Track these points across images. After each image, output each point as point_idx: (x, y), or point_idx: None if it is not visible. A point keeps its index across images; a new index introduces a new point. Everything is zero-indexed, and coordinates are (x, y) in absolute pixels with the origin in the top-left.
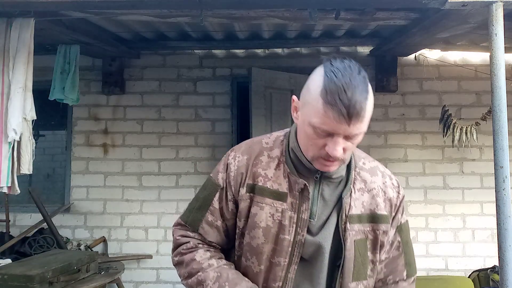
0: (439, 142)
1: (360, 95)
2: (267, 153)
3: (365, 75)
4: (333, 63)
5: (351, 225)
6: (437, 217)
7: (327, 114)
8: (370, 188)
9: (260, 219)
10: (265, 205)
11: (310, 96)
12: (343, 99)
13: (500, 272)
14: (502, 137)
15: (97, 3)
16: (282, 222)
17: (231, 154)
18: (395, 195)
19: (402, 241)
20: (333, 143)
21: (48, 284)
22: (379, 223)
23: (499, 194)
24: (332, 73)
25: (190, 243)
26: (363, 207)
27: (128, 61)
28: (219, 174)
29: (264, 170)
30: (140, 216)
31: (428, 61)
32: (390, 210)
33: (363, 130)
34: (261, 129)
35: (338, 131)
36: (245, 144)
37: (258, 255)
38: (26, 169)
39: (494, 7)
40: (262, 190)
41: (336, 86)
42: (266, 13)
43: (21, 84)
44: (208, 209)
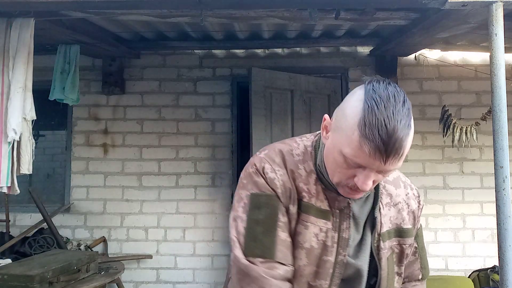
0: (439, 142)
1: (402, 131)
2: (303, 166)
3: (410, 107)
4: (375, 88)
5: (383, 243)
6: (437, 217)
7: (362, 149)
8: (396, 202)
9: (304, 239)
10: (310, 224)
11: (346, 123)
12: (382, 135)
13: (500, 272)
14: (502, 137)
15: (97, 3)
16: (326, 242)
17: (266, 167)
18: (417, 206)
19: (419, 246)
20: (364, 177)
21: (48, 284)
22: (405, 237)
23: (499, 194)
24: (374, 102)
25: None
26: (391, 222)
27: (128, 61)
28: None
29: (306, 185)
30: (140, 216)
31: (428, 61)
32: (413, 222)
33: (399, 167)
34: (261, 129)
35: (371, 166)
36: (276, 155)
37: (298, 278)
38: (26, 169)
39: (494, 7)
40: (308, 207)
41: (377, 120)
42: (266, 13)
43: (21, 84)
44: (276, 227)
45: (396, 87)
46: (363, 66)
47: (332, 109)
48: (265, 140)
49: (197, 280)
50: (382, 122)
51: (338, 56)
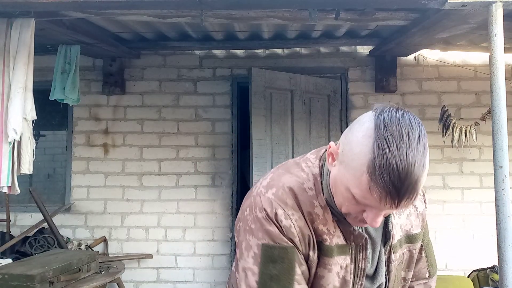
0: (439, 142)
1: (416, 174)
2: (317, 203)
3: (426, 141)
4: (386, 123)
5: (394, 254)
6: (437, 216)
7: (372, 194)
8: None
9: (327, 282)
10: (333, 266)
11: (354, 162)
12: (394, 181)
13: (500, 272)
14: (501, 137)
15: (98, 4)
16: (345, 277)
17: (279, 213)
18: (424, 206)
19: (424, 244)
20: (374, 215)
21: (49, 283)
22: (415, 242)
23: (499, 194)
24: (385, 142)
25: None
26: (401, 230)
27: (128, 61)
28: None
29: (325, 226)
30: (141, 216)
31: (427, 61)
32: (422, 224)
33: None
34: (261, 129)
35: (382, 209)
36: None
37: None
38: (26, 169)
39: (494, 7)
40: (331, 250)
41: (388, 163)
42: (266, 14)
43: (21, 84)
44: (293, 280)
45: (410, 119)
46: (363, 66)
47: (332, 109)
48: (265, 140)
49: (197, 279)
50: (394, 166)
51: (338, 56)
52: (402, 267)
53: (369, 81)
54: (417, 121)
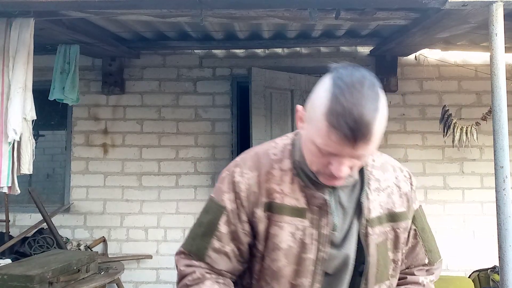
0: (439, 142)
1: (368, 115)
2: (278, 166)
3: (377, 89)
4: (340, 75)
5: (372, 229)
6: (438, 217)
7: (331, 137)
8: (385, 187)
9: (280, 240)
10: (284, 224)
11: (314, 114)
12: (348, 122)
13: (501, 272)
14: (502, 137)
15: (97, 3)
16: (304, 240)
17: (236, 171)
18: (409, 188)
19: (418, 228)
20: (338, 164)
21: (48, 284)
22: (399, 221)
23: (499, 194)
24: (338, 90)
25: (196, 273)
26: (381, 208)
27: (128, 61)
28: (224, 194)
29: (279, 186)
30: (140, 216)
31: (428, 61)
32: (407, 204)
33: (372, 150)
34: (261, 129)
35: (342, 153)
36: (250, 158)
37: (279, 278)
38: (26, 169)
39: (494, 7)
40: (281, 208)
41: (342, 107)
42: (266, 13)
43: (21, 84)
44: (213, 235)
45: (362, 72)
46: (363, 66)
47: None
48: (265, 140)
49: None
50: (348, 109)
51: (338, 56)
52: (388, 247)
53: None
54: (371, 74)
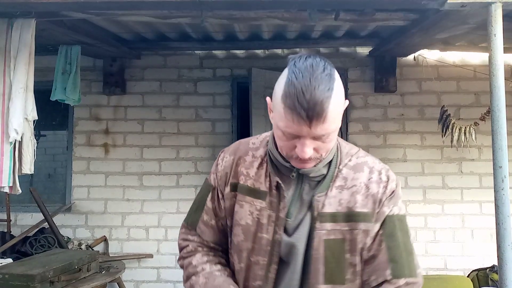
0: (438, 142)
1: (321, 95)
2: (252, 153)
3: (331, 72)
4: (296, 63)
5: (321, 224)
6: (436, 216)
7: (288, 118)
8: (351, 185)
9: (240, 217)
10: (244, 203)
11: (276, 100)
12: (301, 102)
13: (499, 272)
14: (501, 137)
15: (98, 4)
16: (260, 220)
17: (221, 155)
18: (381, 190)
19: (385, 233)
20: (301, 145)
21: (49, 283)
22: (357, 221)
23: (498, 194)
24: (293, 75)
25: (190, 247)
26: (340, 205)
27: (129, 62)
28: (211, 175)
29: (246, 169)
30: (141, 215)
31: (427, 61)
32: (373, 206)
33: (331, 130)
34: (261, 129)
35: (301, 133)
36: (234, 145)
37: (239, 252)
38: (28, 169)
39: (493, 7)
40: (243, 188)
41: (295, 89)
42: (266, 14)
43: (22, 84)
44: (203, 209)
45: (315, 58)
46: (362, 67)
47: None
48: None
49: None
50: (300, 90)
51: (338, 56)
52: (345, 248)
53: (368, 81)
54: (323, 60)
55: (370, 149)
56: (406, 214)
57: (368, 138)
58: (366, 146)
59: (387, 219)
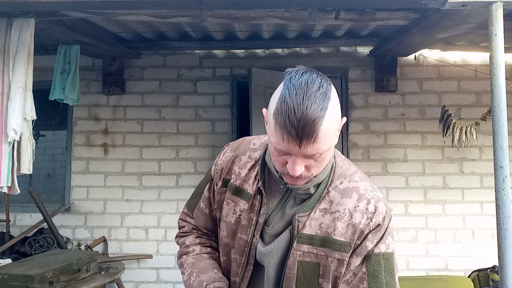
0: (439, 142)
1: (313, 115)
2: (249, 154)
3: (326, 91)
4: (291, 78)
5: (297, 244)
6: (437, 217)
7: (278, 136)
8: (334, 211)
9: (225, 214)
10: (230, 201)
11: (269, 114)
12: (292, 121)
13: (500, 272)
14: (502, 137)
15: (97, 3)
16: (241, 221)
17: (225, 149)
18: (364, 222)
19: (369, 273)
20: (292, 163)
21: (48, 284)
22: (333, 249)
23: (499, 194)
24: (287, 91)
25: (186, 228)
26: (320, 229)
27: (128, 61)
28: (213, 166)
29: (239, 169)
30: (140, 216)
31: (428, 61)
32: (352, 237)
33: (322, 150)
34: (261, 129)
35: (292, 152)
36: (238, 141)
37: (222, 246)
38: (26, 169)
39: (494, 7)
40: (231, 187)
41: (287, 106)
42: (266, 13)
43: (21, 84)
44: (201, 197)
45: (312, 74)
46: (363, 66)
47: None
48: None
49: None
50: (291, 109)
51: (338, 56)
52: (320, 273)
53: (369, 81)
54: (320, 77)
55: (371, 149)
56: (394, 252)
57: (369, 138)
58: (366, 146)
59: (372, 257)
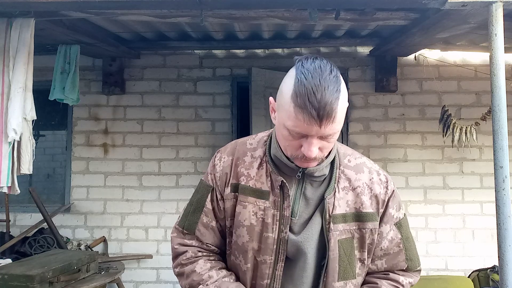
0: (439, 142)
1: (331, 96)
2: (251, 154)
3: (337, 74)
4: (303, 64)
5: (335, 225)
6: (437, 217)
7: (298, 117)
8: (355, 186)
9: (244, 218)
10: (248, 204)
11: (283, 100)
12: (312, 101)
13: (500, 272)
14: (501, 137)
15: (97, 3)
16: (265, 220)
17: (217, 156)
18: (383, 191)
19: (403, 237)
20: (308, 144)
21: (48, 284)
22: (365, 221)
23: (499, 194)
24: (302, 75)
25: (189, 253)
26: (348, 206)
27: (128, 61)
28: (209, 175)
29: (247, 170)
30: (140, 216)
31: (428, 61)
32: (377, 206)
33: (337, 130)
34: (261, 129)
35: (310, 132)
36: (230, 145)
37: (244, 253)
38: (26, 169)
39: (494, 7)
40: (245, 189)
41: (306, 89)
42: (266, 13)
43: (21, 84)
44: (202, 211)
45: (322, 60)
46: (363, 66)
47: None
48: None
49: None
50: (311, 90)
51: (338, 56)
52: (355, 245)
53: (369, 81)
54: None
55: (371, 149)
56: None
57: (369, 138)
58: (366, 146)
59: (401, 222)
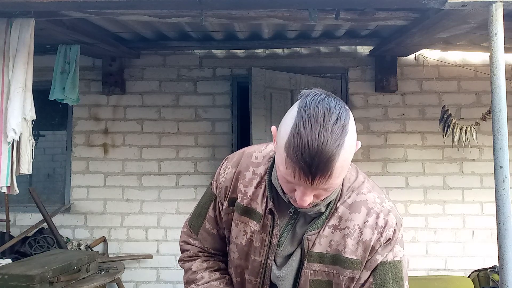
0: (439, 142)
1: (329, 152)
2: (253, 169)
3: (344, 123)
4: (307, 106)
5: (308, 263)
6: (437, 217)
7: (289, 170)
8: (343, 227)
9: (235, 235)
10: (239, 223)
11: (280, 142)
12: (305, 157)
13: (500, 272)
14: (502, 137)
15: (97, 3)
16: (253, 243)
17: (224, 164)
18: (375, 237)
19: (375, 282)
20: (301, 193)
21: (48, 284)
22: (344, 267)
23: (499, 194)
24: (301, 122)
25: (190, 251)
26: (330, 247)
27: (128, 61)
28: (214, 183)
29: (245, 187)
30: (140, 216)
31: (428, 61)
32: (363, 254)
33: (335, 184)
34: (261, 129)
35: (302, 185)
36: (237, 155)
37: (235, 268)
38: (26, 169)
39: (494, 7)
40: (239, 207)
41: (301, 141)
42: (266, 13)
43: (21, 84)
44: (205, 217)
45: (330, 103)
46: (363, 66)
47: None
48: (265, 140)
49: None
50: (306, 144)
51: (338, 56)
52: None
53: (369, 81)
54: (339, 105)
55: (371, 149)
56: (402, 260)
57: (369, 138)
58: (366, 146)
59: (379, 266)
